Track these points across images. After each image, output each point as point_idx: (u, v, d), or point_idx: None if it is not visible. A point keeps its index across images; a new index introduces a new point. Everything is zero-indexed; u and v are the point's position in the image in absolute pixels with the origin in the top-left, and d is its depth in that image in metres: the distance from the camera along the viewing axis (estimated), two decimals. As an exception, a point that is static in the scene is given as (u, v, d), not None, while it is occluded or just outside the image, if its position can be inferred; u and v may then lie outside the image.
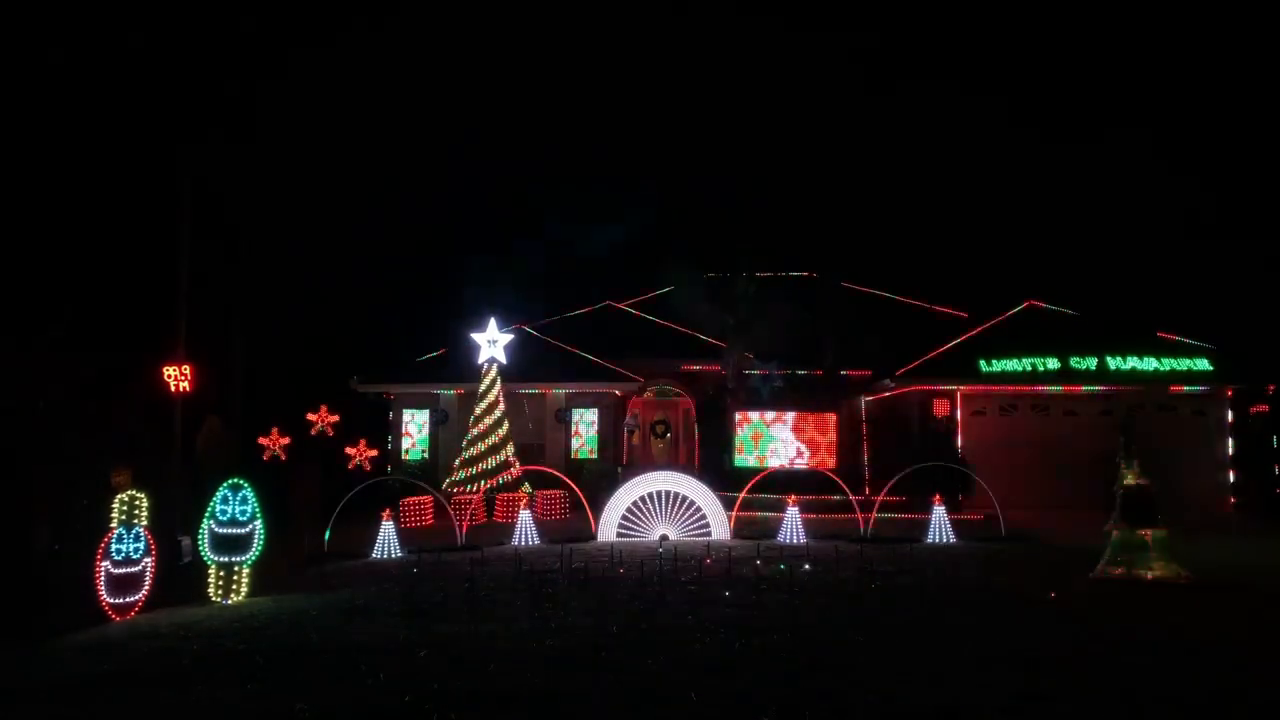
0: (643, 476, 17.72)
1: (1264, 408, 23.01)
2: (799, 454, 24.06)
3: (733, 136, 58.28)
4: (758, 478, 19.16)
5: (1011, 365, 23.02)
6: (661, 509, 17.08)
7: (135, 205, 27.68)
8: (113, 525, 10.38)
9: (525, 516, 17.12)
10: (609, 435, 25.88)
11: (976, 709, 6.68)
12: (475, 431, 21.86)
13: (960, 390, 23.43)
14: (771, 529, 17.35)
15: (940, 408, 23.40)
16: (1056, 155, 50.41)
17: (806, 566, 13.06)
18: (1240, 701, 6.93)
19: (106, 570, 10.19)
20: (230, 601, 11.17)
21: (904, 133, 55.13)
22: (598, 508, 17.69)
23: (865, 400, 26.88)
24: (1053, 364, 22.92)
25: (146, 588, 10.54)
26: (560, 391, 25.78)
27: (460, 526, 16.80)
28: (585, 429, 26.00)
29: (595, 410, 25.94)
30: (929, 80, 55.89)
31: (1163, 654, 8.31)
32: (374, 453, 23.75)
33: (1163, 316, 25.06)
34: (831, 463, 23.94)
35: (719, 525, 17.05)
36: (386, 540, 15.46)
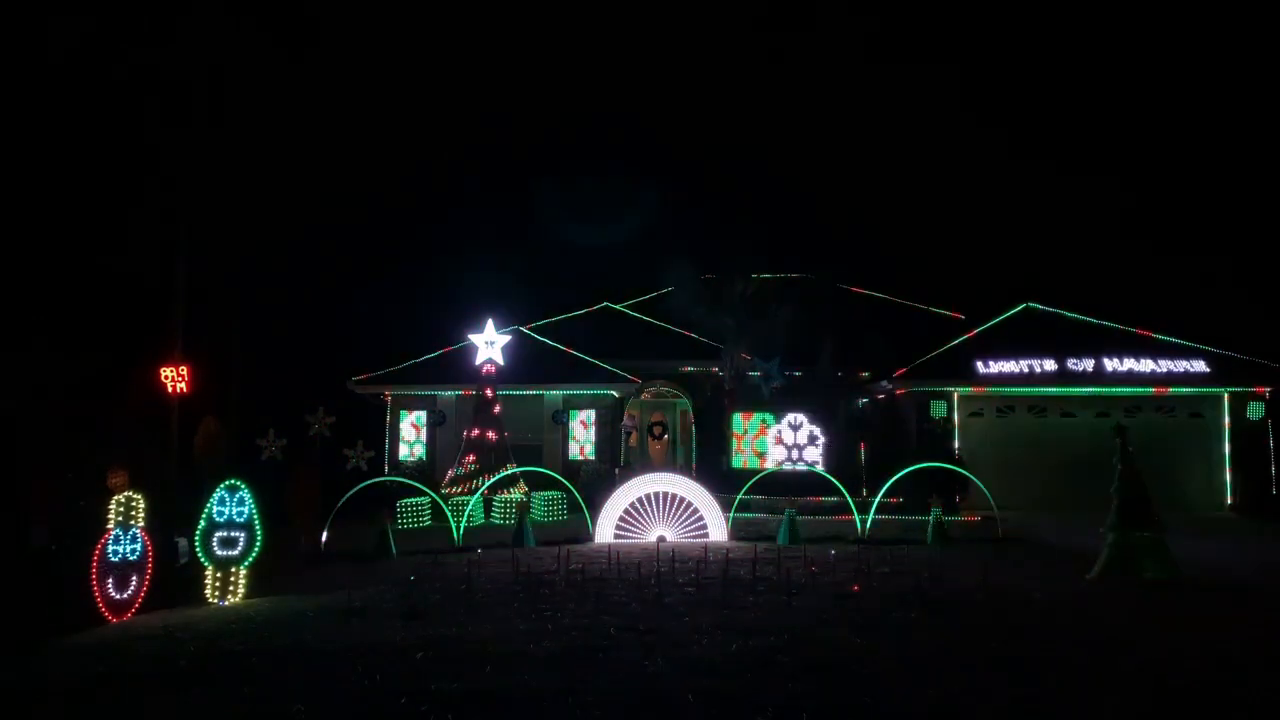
0: (640, 478, 17.72)
1: (1261, 409, 23.06)
2: (796, 455, 24.07)
3: (733, 136, 58.33)
4: (755, 479, 19.16)
5: (1009, 367, 23.06)
6: (659, 510, 17.07)
7: (133, 206, 27.68)
8: (110, 526, 10.37)
9: (522, 518, 17.11)
10: (606, 437, 25.87)
11: (973, 711, 6.68)
12: (472, 432, 21.85)
13: (957, 392, 23.47)
14: (769, 530, 17.35)
15: (937, 409, 23.44)
16: (1055, 155, 50.46)
17: (803, 568, 13.05)
18: (1238, 701, 6.95)
19: (103, 571, 10.17)
20: (227, 602, 11.16)
21: (903, 133, 55.19)
22: (595, 509, 17.68)
23: (863, 401, 26.90)
24: (1050, 365, 22.97)
25: (143, 589, 10.53)
26: (557, 393, 25.77)
27: (457, 528, 16.79)
28: (582, 430, 25.99)
29: (592, 412, 25.94)
30: (928, 81, 55.95)
31: (1159, 655, 8.31)
32: (371, 454, 23.74)
33: (1160, 318, 25.11)
34: (829, 464, 23.96)
35: (716, 527, 17.05)
36: (384, 541, 15.45)
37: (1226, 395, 23.15)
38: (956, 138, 53.73)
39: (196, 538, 11.33)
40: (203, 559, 11.27)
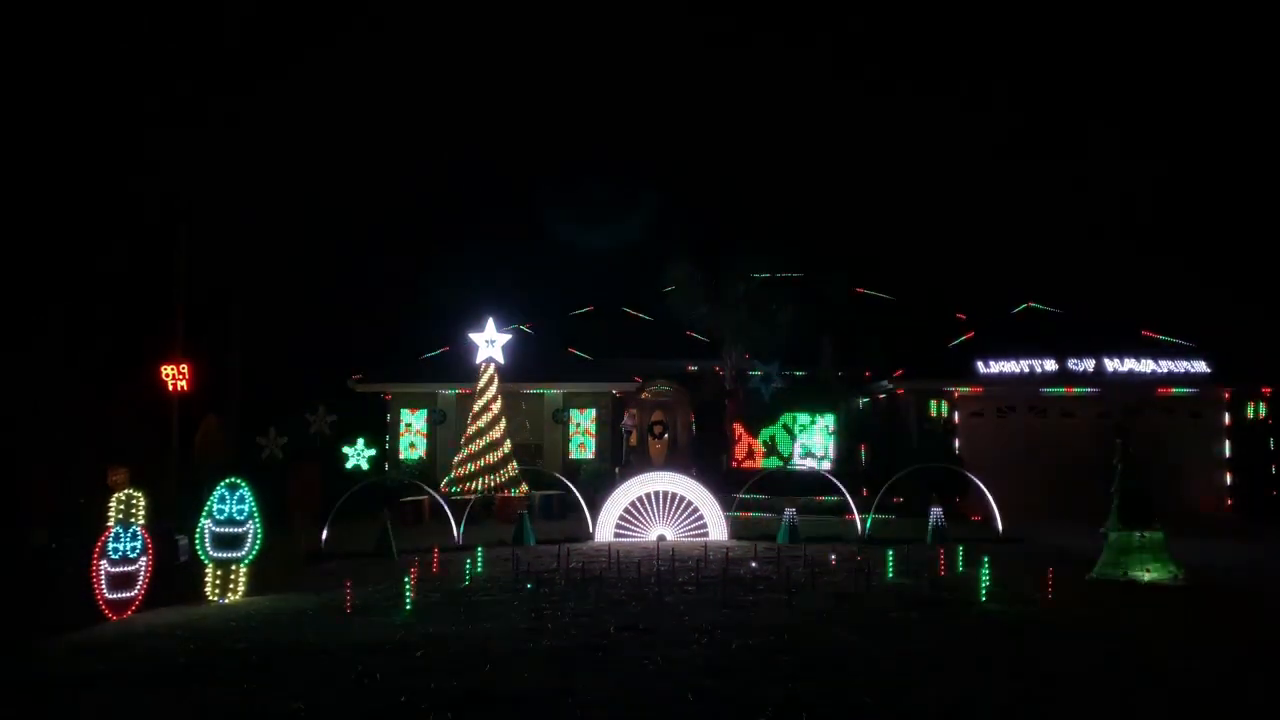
0: (640, 477, 17.72)
1: (1261, 409, 23.07)
2: (797, 455, 24.07)
3: (733, 137, 58.33)
4: (756, 479, 19.15)
5: (1009, 367, 23.06)
6: (659, 510, 17.07)
7: (133, 204, 27.69)
8: (110, 524, 10.36)
9: (522, 517, 17.12)
10: (606, 436, 25.88)
11: (973, 710, 6.69)
12: (473, 431, 21.85)
13: (958, 392, 23.46)
14: (769, 530, 17.35)
15: (938, 409, 23.44)
16: (1055, 157, 50.44)
17: (803, 568, 13.05)
18: (1238, 703, 6.95)
19: (104, 569, 10.16)
20: (227, 601, 11.16)
21: (904, 134, 55.20)
22: (595, 508, 17.69)
23: (863, 401, 26.91)
24: (1050, 366, 22.97)
25: (144, 587, 10.52)
26: (558, 392, 25.78)
27: (457, 527, 16.78)
28: (583, 429, 26.00)
29: (593, 410, 25.94)
30: (929, 80, 55.93)
31: (1159, 655, 8.32)
32: (372, 452, 23.76)
33: (1160, 318, 25.11)
34: (829, 464, 23.97)
35: (716, 526, 17.05)
36: (384, 540, 15.44)
37: (1226, 395, 23.15)
38: (957, 137, 53.73)
39: (197, 536, 11.33)
40: (203, 557, 11.27)
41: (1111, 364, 22.93)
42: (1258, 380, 22.96)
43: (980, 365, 23.13)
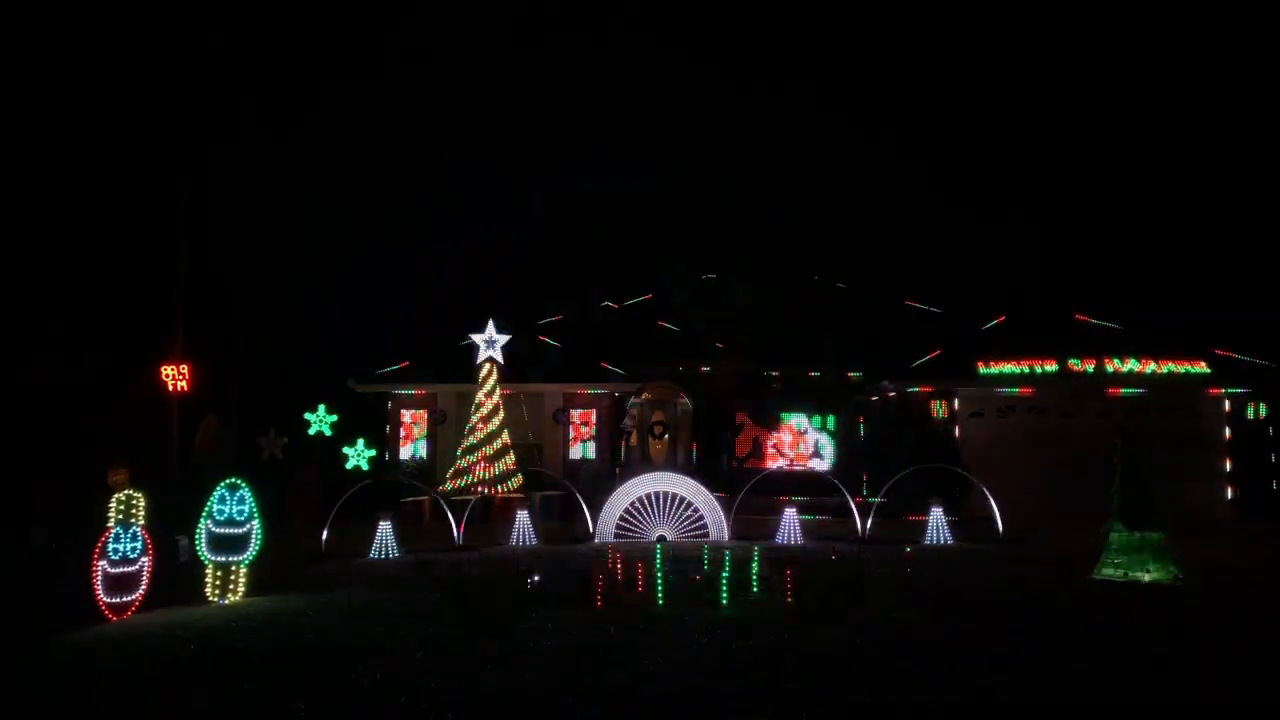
0: (640, 478, 17.71)
1: (1261, 409, 23.07)
2: (797, 455, 24.06)
3: (733, 136, 58.37)
4: (756, 479, 19.14)
5: (1009, 367, 23.07)
6: (659, 510, 17.07)
7: (133, 204, 27.68)
8: (110, 525, 10.36)
9: (522, 517, 17.13)
10: (606, 436, 25.89)
11: (974, 709, 6.68)
12: (473, 429, 21.85)
13: (958, 392, 23.46)
14: (769, 530, 17.35)
15: (938, 409, 23.44)
16: (1057, 157, 50.47)
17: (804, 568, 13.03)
18: (1236, 703, 6.95)
19: (103, 570, 10.16)
20: (227, 601, 11.16)
21: (905, 134, 55.21)
22: (595, 509, 17.68)
23: (863, 402, 26.92)
24: (1050, 365, 22.97)
25: (143, 587, 10.52)
26: (558, 392, 25.78)
27: (457, 527, 16.78)
28: (583, 430, 26.01)
29: (593, 411, 25.94)
30: (925, 76, 55.96)
31: (1159, 656, 8.31)
32: (372, 453, 23.75)
33: (1161, 318, 25.12)
34: (829, 464, 23.97)
35: (716, 526, 17.05)
36: (384, 540, 15.45)
37: (1226, 395, 23.16)
38: (955, 135, 53.72)
39: (197, 536, 11.33)
40: (203, 558, 11.26)
41: (1111, 364, 22.95)
42: (1258, 380, 22.97)
43: (980, 365, 23.14)
